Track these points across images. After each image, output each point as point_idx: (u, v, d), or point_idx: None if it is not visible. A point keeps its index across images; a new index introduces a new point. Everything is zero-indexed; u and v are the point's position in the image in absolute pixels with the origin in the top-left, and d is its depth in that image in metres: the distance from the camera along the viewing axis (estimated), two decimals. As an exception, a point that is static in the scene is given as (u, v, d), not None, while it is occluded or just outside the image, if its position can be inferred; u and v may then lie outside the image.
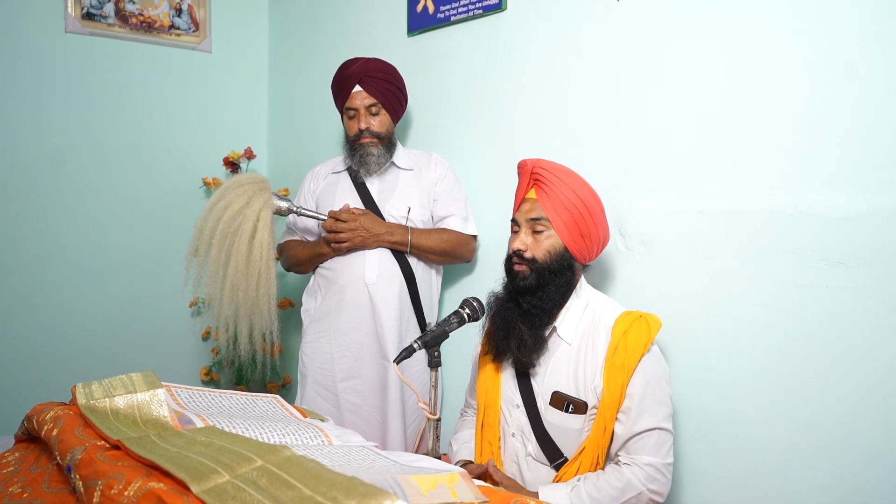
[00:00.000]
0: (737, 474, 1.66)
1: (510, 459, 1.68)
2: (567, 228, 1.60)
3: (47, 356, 2.85)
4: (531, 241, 1.62)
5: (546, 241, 1.61)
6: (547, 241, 1.61)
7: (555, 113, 2.07)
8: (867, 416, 1.45)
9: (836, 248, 1.49)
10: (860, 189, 1.45)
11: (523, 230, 1.64)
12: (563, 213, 1.60)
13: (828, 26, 1.49)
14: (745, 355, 1.64)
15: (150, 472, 0.99)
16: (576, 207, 1.60)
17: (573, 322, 1.64)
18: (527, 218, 1.63)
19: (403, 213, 2.19)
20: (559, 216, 1.60)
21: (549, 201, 1.60)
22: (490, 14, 2.24)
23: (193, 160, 3.16)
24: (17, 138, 2.77)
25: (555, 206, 1.60)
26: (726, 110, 1.66)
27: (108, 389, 1.33)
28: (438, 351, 1.56)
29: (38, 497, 1.13)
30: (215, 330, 3.12)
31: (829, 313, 1.50)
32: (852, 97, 1.46)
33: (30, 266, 2.82)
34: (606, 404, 1.53)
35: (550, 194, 1.60)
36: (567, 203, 1.60)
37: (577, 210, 1.60)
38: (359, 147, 2.21)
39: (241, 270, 2.12)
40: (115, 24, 2.94)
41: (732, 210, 1.65)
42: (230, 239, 2.12)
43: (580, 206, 1.60)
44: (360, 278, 2.17)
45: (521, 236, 1.64)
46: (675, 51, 1.76)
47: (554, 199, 1.60)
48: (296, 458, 0.98)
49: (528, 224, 1.63)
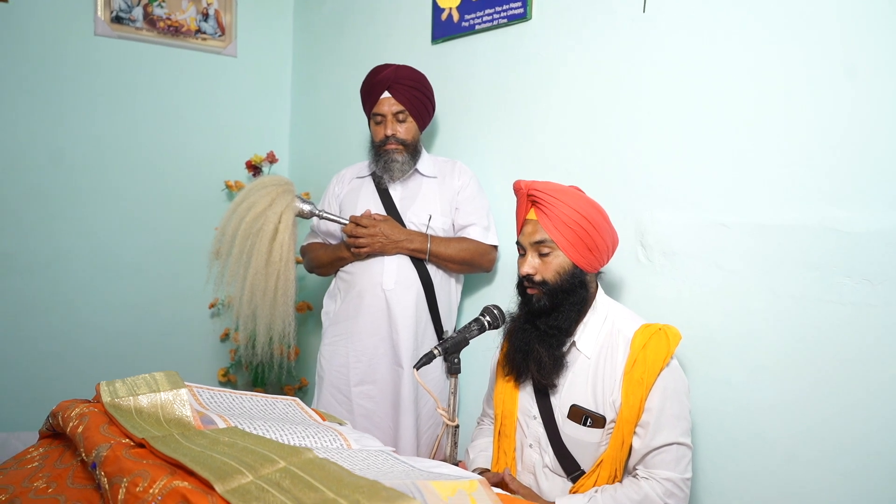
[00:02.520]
0: (755, 489, 1.64)
1: (527, 470, 1.68)
2: (573, 246, 1.59)
3: (70, 354, 2.90)
4: (539, 264, 1.61)
5: (554, 262, 1.60)
6: (555, 262, 1.60)
7: (578, 123, 2.07)
8: (890, 432, 1.43)
9: (860, 265, 1.47)
10: (885, 205, 1.44)
11: (529, 253, 1.63)
12: (566, 231, 1.58)
13: (849, 41, 1.49)
14: (766, 370, 1.63)
15: (175, 471, 1.00)
16: (578, 224, 1.58)
17: (592, 335, 1.63)
18: (531, 241, 1.62)
19: (424, 221, 2.20)
20: (563, 235, 1.58)
21: (549, 222, 1.59)
22: (514, 24, 2.25)
23: (216, 163, 3.20)
24: (44, 140, 2.82)
25: (557, 227, 1.58)
26: (749, 123, 1.66)
27: (131, 388, 1.35)
28: (458, 358, 1.56)
29: (62, 492, 1.15)
30: (234, 332, 3.15)
31: (852, 330, 1.48)
32: (879, 113, 1.45)
33: (55, 266, 2.87)
34: (625, 418, 1.52)
35: (550, 215, 1.59)
36: (568, 221, 1.58)
37: (579, 226, 1.58)
38: (384, 153, 2.22)
39: (261, 271, 2.14)
40: (143, 27, 2.99)
41: (755, 223, 1.65)
42: (251, 240, 2.14)
43: (582, 221, 1.58)
44: (377, 284, 2.18)
45: (528, 260, 1.62)
46: (698, 64, 1.76)
47: (554, 219, 1.58)
48: (318, 461, 0.99)
49: (533, 247, 1.62)
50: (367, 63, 2.35)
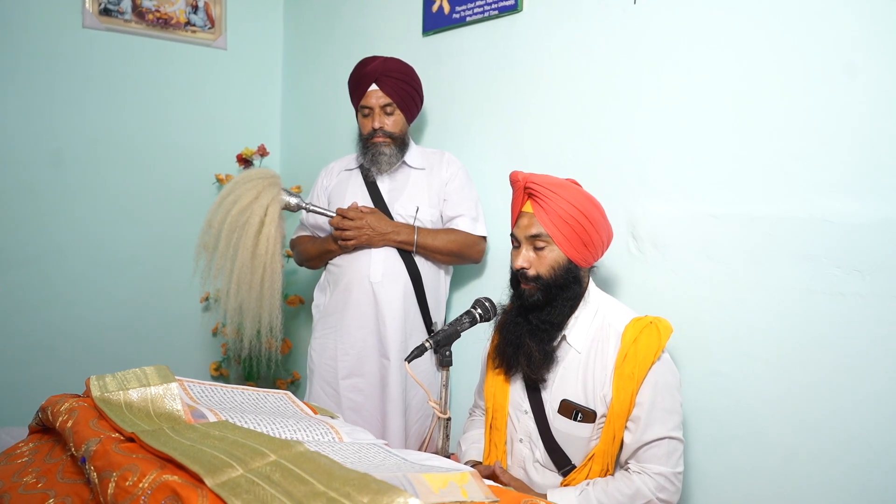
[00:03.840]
0: (747, 481, 1.65)
1: (517, 465, 1.68)
2: (568, 241, 1.58)
3: (60, 349, 2.88)
4: (534, 258, 1.60)
5: (549, 257, 1.59)
6: (550, 256, 1.59)
7: (568, 115, 2.07)
8: (879, 422, 1.44)
9: (850, 255, 1.48)
10: (875, 195, 1.45)
11: (524, 247, 1.61)
12: (562, 226, 1.57)
13: (842, 32, 1.49)
14: (757, 361, 1.63)
15: (165, 465, 0.99)
16: (574, 219, 1.57)
17: (583, 330, 1.62)
18: (526, 235, 1.60)
19: (412, 213, 2.20)
20: (559, 230, 1.57)
21: (546, 216, 1.57)
22: (506, 15, 2.24)
23: (207, 156, 3.18)
24: (31, 134, 2.79)
25: (553, 221, 1.57)
26: (741, 114, 1.66)
27: (121, 382, 1.34)
28: (450, 350, 1.56)
29: (52, 487, 1.14)
30: (223, 327, 3.14)
31: (842, 320, 1.49)
32: (868, 103, 1.45)
33: (45, 260, 2.85)
34: (616, 413, 1.52)
35: (547, 209, 1.57)
36: (565, 215, 1.56)
37: (576, 221, 1.57)
38: (371, 146, 2.22)
39: (247, 265, 2.13)
40: (132, 20, 2.96)
41: (746, 215, 1.65)
42: (238, 233, 2.13)
43: (578, 216, 1.57)
44: (365, 276, 2.17)
45: (522, 253, 1.61)
46: (689, 55, 1.76)
47: (551, 213, 1.57)
48: (309, 454, 0.98)
49: (528, 241, 1.61)
50: (357, 55, 2.34)
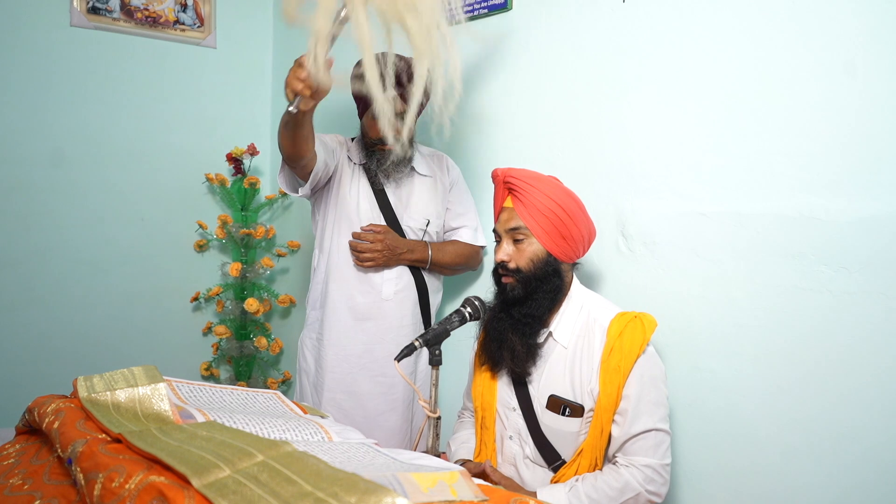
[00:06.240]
0: (734, 474, 1.66)
1: (507, 462, 1.68)
2: (547, 234, 1.60)
3: (48, 350, 2.86)
4: (513, 251, 1.63)
5: (528, 250, 1.62)
6: (529, 249, 1.61)
7: (558, 113, 2.07)
8: (865, 418, 1.45)
9: (837, 253, 1.49)
10: (862, 193, 1.46)
11: (505, 241, 1.65)
12: (540, 219, 1.60)
13: (830, 30, 1.49)
14: (745, 357, 1.64)
15: (151, 466, 0.98)
16: (552, 212, 1.60)
17: (568, 325, 1.64)
18: (506, 228, 1.64)
19: (422, 226, 2.17)
20: (537, 223, 1.60)
21: (525, 209, 1.61)
22: (495, 13, 2.24)
23: (196, 156, 3.16)
24: (19, 132, 2.77)
25: (531, 214, 1.60)
26: (730, 113, 1.67)
27: (109, 383, 1.33)
28: (439, 349, 1.56)
29: (38, 489, 1.13)
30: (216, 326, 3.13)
31: (829, 317, 1.50)
32: (855, 101, 1.46)
33: (32, 260, 2.82)
34: (603, 406, 1.53)
35: (526, 202, 1.60)
36: (543, 209, 1.60)
37: (554, 214, 1.60)
38: (378, 152, 2.12)
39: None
40: (121, 18, 2.94)
41: (734, 213, 1.66)
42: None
43: (556, 209, 1.60)
44: (376, 293, 2.14)
45: (503, 247, 1.64)
46: (679, 53, 1.76)
47: (529, 206, 1.60)
48: (297, 454, 0.98)
49: (508, 234, 1.64)
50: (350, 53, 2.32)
